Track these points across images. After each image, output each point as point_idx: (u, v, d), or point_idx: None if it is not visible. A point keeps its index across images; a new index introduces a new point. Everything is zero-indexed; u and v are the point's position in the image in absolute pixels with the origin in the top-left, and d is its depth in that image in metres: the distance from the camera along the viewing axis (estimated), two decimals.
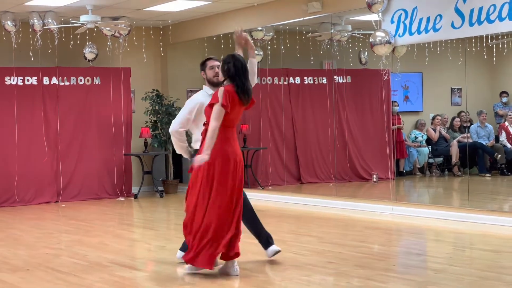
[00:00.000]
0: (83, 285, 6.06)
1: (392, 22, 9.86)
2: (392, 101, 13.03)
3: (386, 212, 10.07)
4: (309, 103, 13.45)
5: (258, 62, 9.09)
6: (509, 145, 13.43)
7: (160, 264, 6.94)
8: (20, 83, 12.35)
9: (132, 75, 13.35)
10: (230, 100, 6.13)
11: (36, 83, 12.49)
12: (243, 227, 6.42)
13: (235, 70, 6.23)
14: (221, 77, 6.38)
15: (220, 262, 6.29)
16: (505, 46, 12.61)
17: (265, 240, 6.74)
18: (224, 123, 6.16)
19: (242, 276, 6.18)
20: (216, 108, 6.10)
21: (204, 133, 6.29)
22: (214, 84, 6.55)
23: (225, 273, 6.22)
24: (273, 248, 6.71)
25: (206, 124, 6.31)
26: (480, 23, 8.83)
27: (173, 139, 6.66)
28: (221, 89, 6.19)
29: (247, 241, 6.81)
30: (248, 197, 6.62)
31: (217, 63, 6.59)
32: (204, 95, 6.57)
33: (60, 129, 12.64)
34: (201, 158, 6.05)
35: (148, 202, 12.55)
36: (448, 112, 14.02)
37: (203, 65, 6.65)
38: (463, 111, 13.69)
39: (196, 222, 6.18)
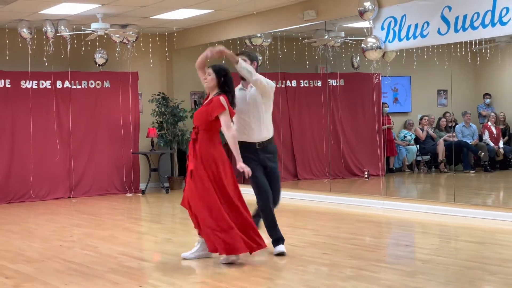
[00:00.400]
0: (94, 275, 6.06)
1: (382, 28, 9.86)
2: (383, 103, 13.03)
3: (377, 206, 10.07)
4: (305, 105, 13.43)
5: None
6: (491, 144, 13.42)
7: (166, 255, 6.93)
8: (35, 86, 12.34)
9: (139, 78, 13.35)
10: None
11: (49, 87, 12.48)
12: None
13: (231, 83, 6.31)
14: (211, 87, 6.36)
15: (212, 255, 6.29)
16: (488, 51, 12.60)
17: (275, 240, 6.69)
18: (211, 128, 6.19)
19: (243, 265, 6.18)
20: (226, 118, 6.15)
21: (192, 139, 6.28)
22: (243, 79, 6.58)
23: (227, 263, 6.23)
24: (279, 248, 6.64)
25: (194, 128, 6.30)
26: (464, 29, 8.82)
27: None
28: (222, 98, 6.20)
29: None
30: (250, 193, 6.63)
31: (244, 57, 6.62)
32: (237, 89, 6.62)
33: (72, 129, 12.64)
34: (242, 167, 6.15)
35: (154, 198, 12.54)
36: (435, 113, 14.01)
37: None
38: (448, 112, 13.69)
39: (214, 218, 6.17)
